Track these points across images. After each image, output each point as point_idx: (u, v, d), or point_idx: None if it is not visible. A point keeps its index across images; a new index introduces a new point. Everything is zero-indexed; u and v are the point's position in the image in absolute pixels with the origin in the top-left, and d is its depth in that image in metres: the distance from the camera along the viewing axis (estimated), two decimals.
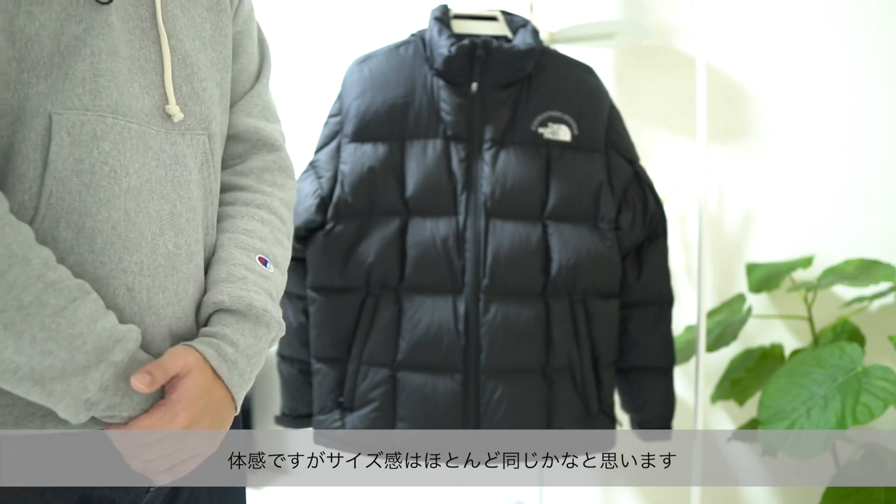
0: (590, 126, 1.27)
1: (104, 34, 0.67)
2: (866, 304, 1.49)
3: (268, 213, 0.83)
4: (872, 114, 1.53)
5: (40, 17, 0.64)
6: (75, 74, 0.65)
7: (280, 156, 0.90)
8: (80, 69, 0.65)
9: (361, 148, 1.25)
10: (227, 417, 0.72)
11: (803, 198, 1.60)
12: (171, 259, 0.70)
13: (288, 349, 1.33)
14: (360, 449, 1.25)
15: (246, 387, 0.74)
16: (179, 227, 0.72)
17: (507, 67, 1.23)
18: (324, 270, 1.25)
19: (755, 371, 1.47)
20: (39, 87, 0.64)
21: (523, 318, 1.21)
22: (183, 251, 0.72)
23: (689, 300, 1.73)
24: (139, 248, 0.68)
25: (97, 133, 0.65)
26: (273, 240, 0.82)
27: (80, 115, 0.65)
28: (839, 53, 1.55)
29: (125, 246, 0.67)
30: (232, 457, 0.85)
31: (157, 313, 0.69)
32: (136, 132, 0.68)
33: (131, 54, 0.70)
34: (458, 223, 1.23)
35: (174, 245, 0.71)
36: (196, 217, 0.74)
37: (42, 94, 0.64)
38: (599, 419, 1.29)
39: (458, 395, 1.21)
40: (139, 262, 0.68)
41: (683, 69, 1.70)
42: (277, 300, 0.79)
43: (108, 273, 0.66)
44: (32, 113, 0.63)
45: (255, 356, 0.74)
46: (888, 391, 1.11)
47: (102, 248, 0.66)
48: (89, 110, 0.65)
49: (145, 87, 0.70)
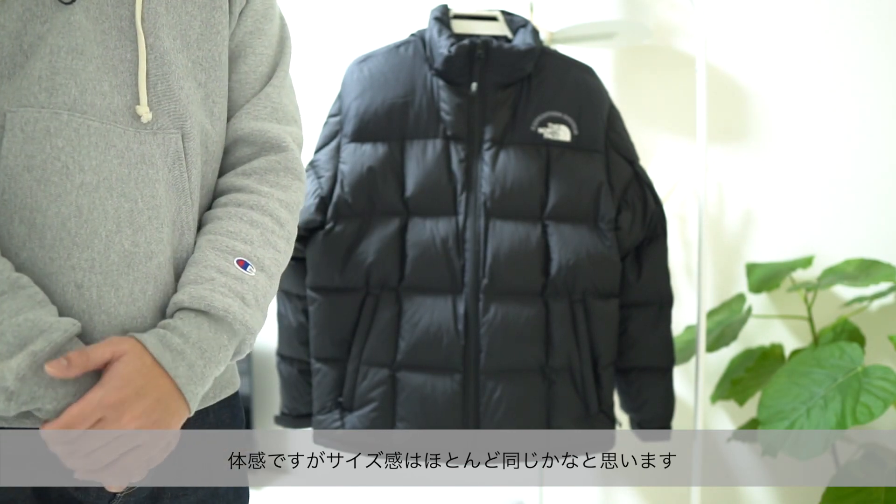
0: (590, 126, 1.27)
1: (65, 33, 0.67)
2: (866, 304, 1.49)
3: (260, 215, 0.80)
4: (872, 114, 1.53)
5: (0, 18, 0.64)
6: (32, 72, 0.65)
7: (286, 157, 0.87)
8: (37, 67, 0.65)
9: (361, 148, 1.25)
10: (173, 410, 0.68)
11: (803, 198, 1.60)
12: (126, 257, 0.69)
13: (287, 349, 1.33)
14: (359, 449, 1.25)
15: (199, 382, 0.69)
16: (139, 224, 0.70)
17: (506, 67, 1.23)
18: (323, 270, 1.25)
19: (755, 371, 1.47)
20: (1, 87, 0.64)
21: (523, 318, 1.21)
22: (141, 250, 0.70)
23: (689, 300, 1.72)
24: (90, 245, 0.67)
25: (50, 130, 0.65)
26: (262, 242, 0.79)
27: (35, 112, 0.65)
28: (839, 53, 1.55)
29: (74, 242, 0.66)
30: (232, 457, 0.83)
31: (108, 312, 0.68)
32: (97, 129, 0.68)
33: (102, 54, 0.69)
34: (457, 223, 1.23)
35: (131, 243, 0.69)
36: (160, 216, 0.72)
37: (2, 93, 0.64)
38: (599, 419, 1.29)
39: (457, 395, 1.21)
40: (90, 258, 0.67)
41: (683, 69, 1.70)
42: (256, 305, 0.75)
43: (57, 269, 0.66)
44: None
45: (210, 352, 0.70)
46: (888, 391, 1.11)
47: (52, 243, 0.66)
48: (45, 107, 0.65)
49: (116, 86, 0.70)
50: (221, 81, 0.81)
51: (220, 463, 0.82)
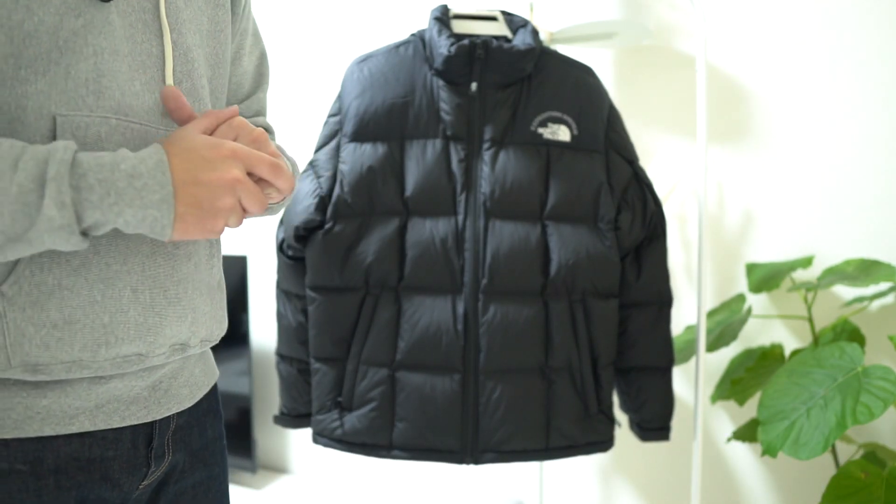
0: (589, 126, 1.27)
1: (106, 32, 0.66)
2: (866, 304, 1.49)
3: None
4: (872, 114, 1.53)
5: (38, 12, 0.63)
6: (78, 74, 0.64)
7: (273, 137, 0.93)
8: (82, 69, 0.64)
9: (361, 147, 1.25)
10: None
11: (803, 198, 1.60)
12: (170, 259, 0.72)
13: (287, 349, 1.33)
14: (358, 449, 1.25)
15: None
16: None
17: (506, 67, 1.23)
18: (323, 270, 1.25)
19: (755, 371, 1.47)
20: (38, 84, 0.63)
21: (522, 318, 1.21)
22: (181, 251, 0.74)
23: (689, 300, 1.72)
24: (139, 250, 0.69)
25: (101, 135, 0.65)
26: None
27: (85, 117, 0.64)
28: (839, 53, 1.55)
29: (129, 248, 0.68)
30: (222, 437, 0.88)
31: (160, 313, 0.71)
32: (138, 132, 0.68)
33: (132, 49, 0.69)
34: (457, 223, 1.23)
35: (173, 245, 0.73)
36: None
37: (42, 92, 0.63)
38: (598, 419, 1.29)
39: (457, 395, 1.21)
40: (140, 262, 0.69)
41: (683, 69, 1.70)
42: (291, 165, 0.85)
43: (114, 274, 0.67)
44: (35, 114, 0.62)
45: None
46: (888, 391, 1.11)
47: (106, 249, 0.67)
48: (93, 112, 0.65)
49: (146, 84, 0.69)
50: (223, 79, 0.82)
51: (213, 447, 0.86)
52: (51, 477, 0.67)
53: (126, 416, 0.72)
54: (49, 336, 0.64)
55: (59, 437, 0.67)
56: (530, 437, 1.23)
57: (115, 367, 0.68)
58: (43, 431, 0.66)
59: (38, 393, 0.66)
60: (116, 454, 0.71)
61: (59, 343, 0.64)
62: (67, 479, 0.68)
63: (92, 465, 0.69)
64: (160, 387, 0.76)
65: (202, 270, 0.77)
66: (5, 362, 0.63)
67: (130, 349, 0.69)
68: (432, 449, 1.23)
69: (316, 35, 2.13)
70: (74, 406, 0.68)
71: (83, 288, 0.65)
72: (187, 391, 0.80)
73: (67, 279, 0.65)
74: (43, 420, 0.66)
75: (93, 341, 0.66)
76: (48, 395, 0.66)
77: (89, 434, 0.69)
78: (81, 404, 0.68)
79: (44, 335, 0.64)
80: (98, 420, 0.69)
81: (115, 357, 0.68)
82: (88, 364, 0.66)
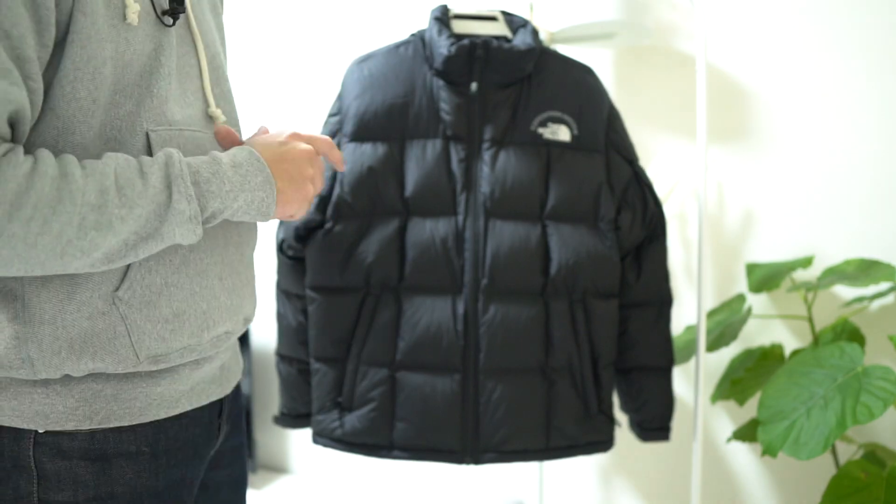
0: (589, 126, 1.27)
1: (169, 53, 0.73)
2: (866, 304, 1.49)
3: None
4: (873, 114, 1.53)
5: (134, 42, 0.69)
6: (159, 93, 0.71)
7: None
8: (162, 88, 0.71)
9: (361, 148, 1.25)
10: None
11: (803, 198, 1.60)
12: (239, 249, 0.83)
13: (287, 349, 1.33)
14: (358, 449, 1.25)
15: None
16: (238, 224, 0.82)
17: (506, 67, 1.23)
18: (323, 270, 1.25)
19: (755, 371, 1.47)
20: (127, 106, 0.69)
21: (523, 318, 1.21)
22: (244, 239, 0.84)
23: (689, 300, 1.72)
24: (218, 242, 0.79)
25: (181, 146, 0.73)
26: None
27: (167, 131, 0.72)
28: (839, 53, 1.55)
29: (214, 241, 0.78)
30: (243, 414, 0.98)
31: (240, 294, 0.82)
32: (199, 139, 0.76)
33: (179, 63, 0.75)
34: (457, 223, 1.23)
35: (237, 234, 0.82)
36: None
37: (133, 112, 0.69)
38: (599, 419, 1.29)
39: (457, 395, 1.21)
40: (220, 255, 0.79)
41: (683, 69, 1.70)
42: None
43: (206, 267, 0.76)
44: (129, 132, 0.69)
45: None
46: (888, 391, 1.11)
47: (197, 245, 0.75)
48: (172, 126, 0.72)
49: (193, 93, 0.77)
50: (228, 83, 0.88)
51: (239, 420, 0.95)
52: (163, 457, 0.76)
53: (210, 394, 0.82)
54: (164, 329, 0.72)
55: (168, 419, 0.76)
56: (531, 437, 1.23)
57: (213, 346, 0.78)
58: (158, 416, 0.75)
59: (153, 382, 0.74)
60: (201, 431, 0.81)
61: (173, 334, 0.73)
62: (174, 459, 0.77)
63: (187, 445, 0.79)
64: (226, 366, 0.86)
65: (252, 255, 0.88)
66: (135, 359, 0.71)
67: (222, 328, 0.79)
68: (432, 449, 1.23)
69: (316, 35, 2.13)
70: (179, 390, 0.77)
71: (185, 283, 0.74)
72: (237, 368, 0.91)
73: (172, 277, 0.72)
74: (158, 406, 0.75)
75: (197, 327, 0.75)
76: (161, 383, 0.75)
77: (185, 415, 0.78)
78: (183, 388, 0.77)
79: (160, 329, 0.72)
80: (193, 400, 0.79)
81: (213, 338, 0.77)
82: (195, 347, 0.75)
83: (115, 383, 0.72)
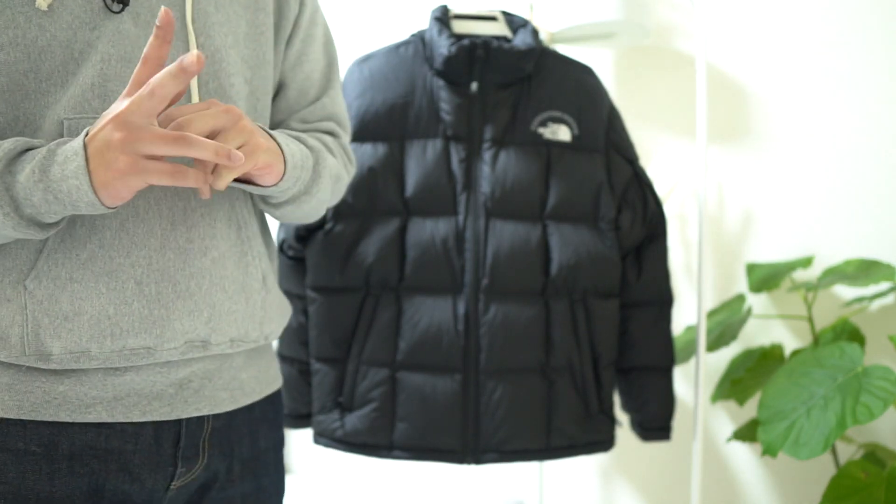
0: (590, 126, 1.27)
1: (115, 41, 0.69)
2: (866, 304, 1.49)
3: (312, 135, 0.88)
4: (873, 114, 1.53)
5: (50, 28, 0.66)
6: (85, 80, 0.68)
7: (339, 140, 0.93)
8: (90, 75, 0.68)
9: (361, 148, 1.25)
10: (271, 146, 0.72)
11: (803, 198, 1.60)
12: (182, 254, 0.72)
13: (287, 349, 1.33)
14: (359, 449, 1.25)
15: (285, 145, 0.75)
16: (192, 222, 0.73)
17: (507, 67, 1.23)
18: (323, 270, 1.25)
19: (755, 371, 1.47)
20: (56, 94, 0.67)
21: (523, 318, 1.21)
22: (195, 245, 0.73)
23: (689, 300, 1.72)
24: (147, 243, 0.71)
25: None
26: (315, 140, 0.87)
27: (90, 120, 0.68)
28: (839, 53, 1.55)
29: (133, 241, 0.70)
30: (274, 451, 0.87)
31: (167, 306, 0.71)
32: None
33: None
34: (457, 223, 1.23)
35: (186, 240, 0.73)
36: (213, 213, 0.75)
37: (59, 101, 0.67)
38: (599, 419, 1.29)
39: (457, 396, 1.21)
40: (147, 256, 0.71)
41: (683, 69, 1.70)
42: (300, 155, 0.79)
43: (117, 267, 0.69)
44: (50, 121, 0.67)
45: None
46: (888, 391, 1.11)
47: (111, 242, 0.69)
48: (98, 114, 0.68)
49: None
50: (266, 80, 0.84)
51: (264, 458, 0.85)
52: (64, 462, 0.69)
53: (147, 410, 0.73)
54: (61, 327, 0.67)
55: (75, 424, 0.70)
56: (531, 436, 1.23)
57: (123, 359, 0.70)
58: (59, 417, 0.69)
59: (55, 379, 0.69)
60: (137, 448, 0.73)
61: (70, 334, 0.68)
62: (81, 466, 0.70)
63: (109, 456, 0.71)
64: (189, 386, 0.76)
65: (228, 267, 0.76)
66: (21, 350, 0.67)
67: (137, 342, 0.70)
68: (433, 449, 1.23)
69: None
70: (91, 395, 0.70)
71: (90, 280, 0.68)
72: (227, 395, 0.79)
73: (77, 272, 0.68)
74: (59, 406, 0.69)
75: (99, 332, 0.69)
76: (64, 383, 0.69)
77: (107, 425, 0.71)
78: (98, 394, 0.70)
79: (56, 326, 0.67)
80: (116, 412, 0.71)
81: (122, 349, 0.70)
82: (96, 355, 0.69)
83: (13, 373, 0.68)
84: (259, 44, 0.82)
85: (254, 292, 0.80)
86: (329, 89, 0.93)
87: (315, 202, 0.85)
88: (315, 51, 0.91)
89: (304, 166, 0.78)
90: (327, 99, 0.92)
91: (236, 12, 0.79)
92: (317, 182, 0.83)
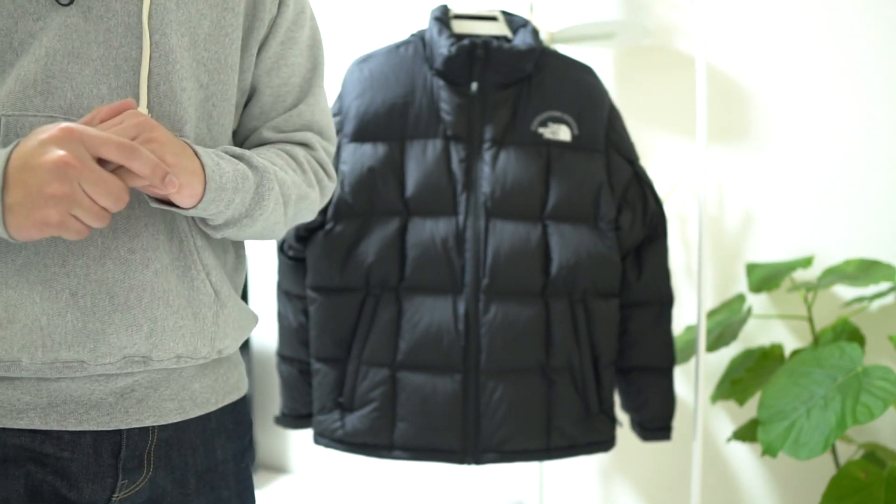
0: (590, 126, 1.27)
1: (61, 35, 0.66)
2: (866, 304, 1.49)
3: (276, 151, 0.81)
4: (873, 114, 1.53)
5: None
6: (27, 76, 0.65)
7: (314, 153, 0.87)
8: (32, 70, 0.65)
9: (361, 148, 1.25)
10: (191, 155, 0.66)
11: (803, 198, 1.60)
12: (122, 265, 0.68)
13: (287, 349, 1.33)
14: (359, 449, 1.25)
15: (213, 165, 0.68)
16: (135, 232, 0.69)
17: (507, 67, 1.23)
18: (324, 270, 1.25)
19: (755, 371, 1.47)
20: None
21: (523, 318, 1.21)
22: (137, 257, 0.69)
23: (689, 300, 1.72)
24: (86, 252, 0.66)
25: None
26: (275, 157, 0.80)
27: (31, 118, 0.65)
28: (839, 53, 1.55)
29: (70, 249, 0.66)
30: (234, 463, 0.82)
31: (103, 319, 0.67)
32: None
33: (104, 55, 0.68)
34: (457, 223, 1.23)
35: (127, 251, 0.68)
36: (156, 223, 0.70)
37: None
38: (599, 419, 1.29)
39: (458, 396, 1.21)
40: (85, 265, 0.66)
41: (683, 69, 1.70)
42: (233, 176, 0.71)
43: (52, 276, 0.66)
44: None
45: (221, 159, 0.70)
46: (888, 391, 1.11)
47: (46, 250, 0.66)
48: (39, 112, 0.65)
49: (116, 88, 0.68)
50: (225, 84, 0.78)
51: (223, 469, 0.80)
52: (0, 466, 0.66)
53: (84, 420, 0.69)
54: None
55: (7, 429, 0.66)
56: (531, 437, 1.23)
57: (56, 371, 0.66)
58: None
59: None
60: (74, 456, 0.69)
61: (1, 341, 0.64)
62: (16, 468, 0.67)
63: (45, 459, 0.68)
64: (131, 396, 0.71)
65: (171, 281, 0.71)
66: None
67: (70, 355, 0.66)
68: (433, 449, 1.23)
69: None
70: (24, 401, 0.67)
71: (24, 288, 0.65)
72: (174, 405, 0.74)
73: (11, 278, 0.65)
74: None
75: (31, 342, 0.65)
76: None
77: (42, 432, 0.68)
78: (31, 400, 0.67)
79: None
80: (50, 419, 0.68)
81: (54, 361, 0.66)
82: (27, 366, 0.65)
83: None
84: (222, 46, 0.76)
85: (203, 307, 0.74)
86: (308, 96, 0.87)
87: (261, 225, 0.77)
88: (296, 55, 0.85)
89: (237, 188, 0.70)
90: (304, 106, 0.86)
91: (200, 11, 0.74)
92: (259, 205, 0.74)
